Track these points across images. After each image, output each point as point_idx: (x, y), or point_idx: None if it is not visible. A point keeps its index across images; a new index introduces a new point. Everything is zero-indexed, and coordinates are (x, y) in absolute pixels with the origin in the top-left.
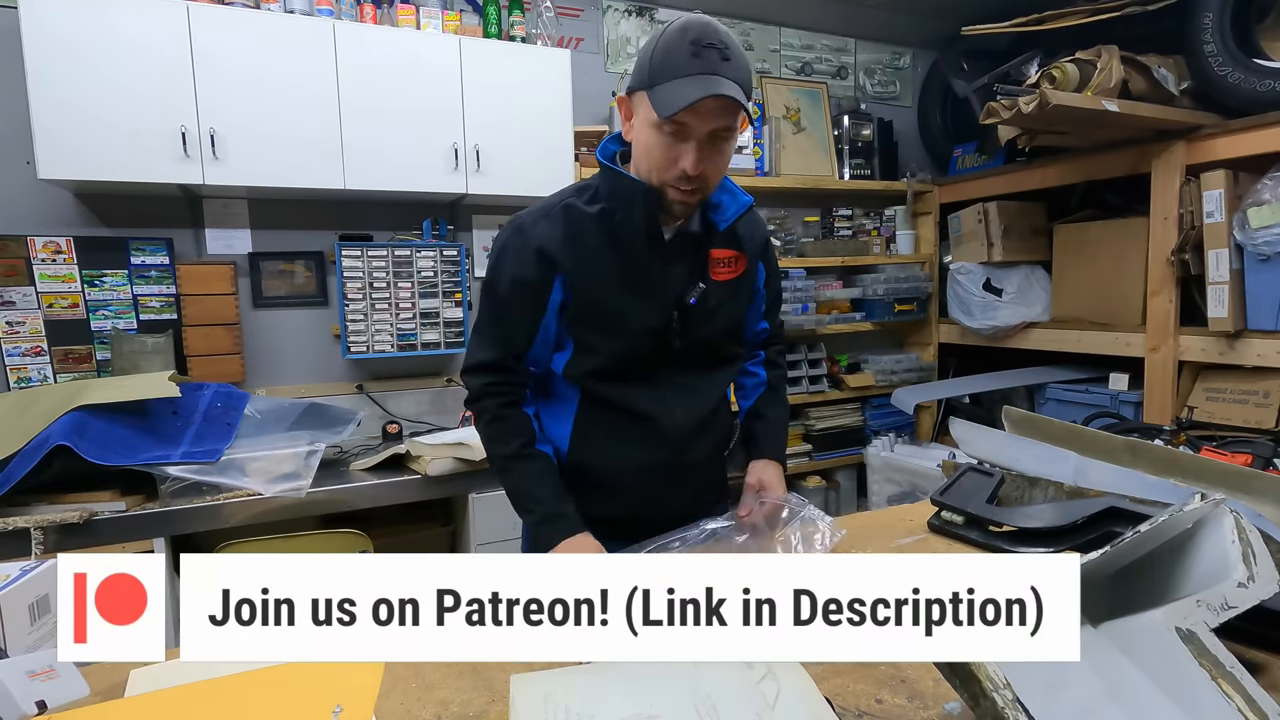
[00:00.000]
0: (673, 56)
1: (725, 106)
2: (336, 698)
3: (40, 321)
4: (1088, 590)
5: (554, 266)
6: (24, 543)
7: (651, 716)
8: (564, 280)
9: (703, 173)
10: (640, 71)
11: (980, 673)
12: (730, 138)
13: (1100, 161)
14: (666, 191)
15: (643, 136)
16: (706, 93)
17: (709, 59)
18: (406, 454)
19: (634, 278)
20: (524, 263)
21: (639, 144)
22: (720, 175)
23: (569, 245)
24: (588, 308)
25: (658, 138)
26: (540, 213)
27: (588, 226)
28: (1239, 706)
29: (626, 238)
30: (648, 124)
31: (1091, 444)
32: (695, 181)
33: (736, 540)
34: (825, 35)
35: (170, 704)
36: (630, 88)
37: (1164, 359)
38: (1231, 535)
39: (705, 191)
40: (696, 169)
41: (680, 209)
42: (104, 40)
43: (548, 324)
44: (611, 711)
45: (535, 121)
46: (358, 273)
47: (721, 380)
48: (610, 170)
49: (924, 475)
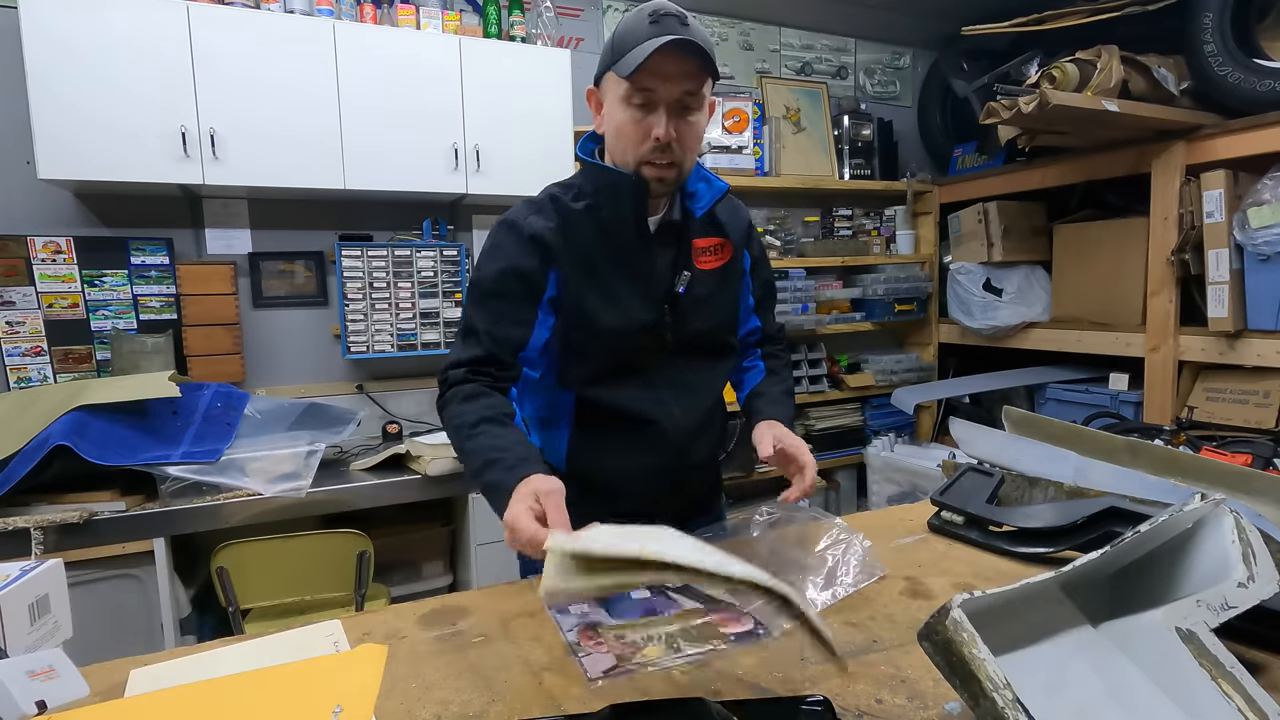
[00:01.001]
0: (631, 31)
1: (689, 71)
2: (336, 698)
3: (40, 321)
4: (1088, 590)
5: (550, 258)
6: (24, 543)
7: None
8: (558, 275)
9: (676, 141)
10: (603, 57)
11: (980, 673)
12: (699, 107)
13: (1100, 161)
14: (643, 170)
15: (614, 117)
16: (666, 36)
17: (667, 24)
18: (406, 454)
19: (625, 272)
20: (521, 253)
21: (611, 126)
22: (694, 150)
23: (563, 237)
24: (580, 302)
25: (627, 112)
26: (530, 207)
27: (578, 221)
28: (1239, 706)
29: (616, 231)
30: (616, 102)
31: (1091, 444)
32: (670, 153)
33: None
34: (825, 35)
35: (170, 704)
36: (596, 75)
37: (1164, 359)
38: (1231, 535)
39: (681, 166)
40: (668, 134)
41: (659, 186)
42: (104, 40)
43: (542, 320)
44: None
45: (535, 121)
46: (358, 273)
47: (718, 375)
48: (594, 165)
49: (924, 475)
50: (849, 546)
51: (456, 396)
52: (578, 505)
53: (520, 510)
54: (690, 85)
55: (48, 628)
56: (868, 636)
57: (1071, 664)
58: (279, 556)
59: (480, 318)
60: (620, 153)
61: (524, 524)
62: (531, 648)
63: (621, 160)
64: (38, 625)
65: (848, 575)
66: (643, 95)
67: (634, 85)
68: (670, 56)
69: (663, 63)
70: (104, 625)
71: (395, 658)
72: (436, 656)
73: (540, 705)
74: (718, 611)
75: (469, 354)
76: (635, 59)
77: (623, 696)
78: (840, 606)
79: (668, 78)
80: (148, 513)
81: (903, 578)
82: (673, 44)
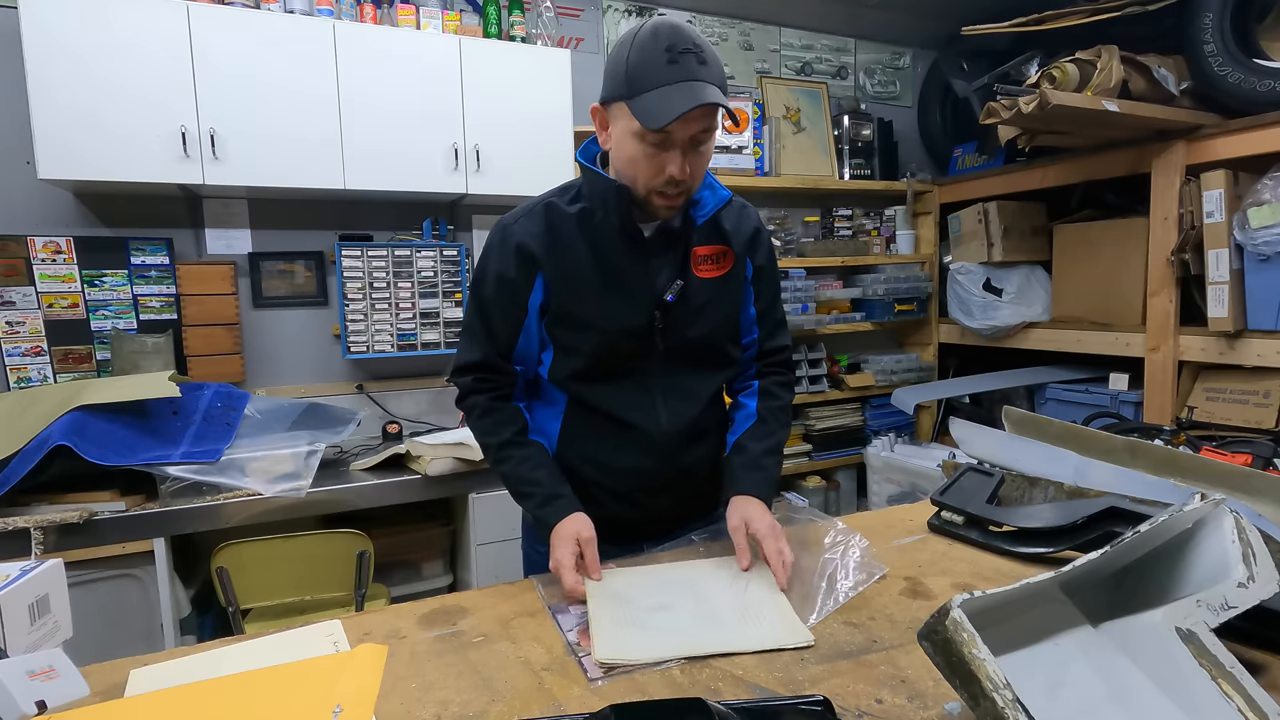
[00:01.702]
0: (649, 66)
1: (708, 111)
2: (336, 698)
3: (40, 321)
4: (1088, 590)
5: (535, 264)
6: (24, 543)
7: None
8: (544, 279)
9: (689, 174)
10: (615, 80)
11: (980, 672)
12: (711, 138)
13: (1100, 161)
14: (653, 199)
15: (625, 147)
16: (694, 103)
17: (687, 65)
18: (406, 454)
19: (613, 276)
20: (506, 261)
21: (621, 154)
22: (704, 173)
23: (548, 242)
24: (567, 306)
25: (641, 148)
26: (522, 211)
27: (567, 225)
28: (1239, 706)
29: (605, 236)
30: (629, 134)
31: (1091, 444)
32: (682, 185)
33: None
34: (825, 35)
35: (170, 704)
36: (605, 99)
37: (1164, 359)
38: (1231, 535)
39: (691, 191)
40: (684, 174)
41: (666, 212)
42: (104, 40)
43: (530, 324)
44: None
45: (535, 122)
46: (358, 273)
47: (715, 382)
48: (590, 171)
49: (924, 475)
50: (849, 547)
51: (473, 412)
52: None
53: (564, 555)
54: (707, 124)
55: (48, 628)
56: (868, 636)
57: (1071, 664)
58: (279, 556)
59: (476, 318)
60: (631, 180)
61: (567, 578)
62: (531, 648)
63: (631, 184)
64: (38, 625)
65: (848, 577)
66: (659, 136)
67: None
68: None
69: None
70: (104, 625)
71: (395, 658)
72: (436, 656)
73: (540, 705)
74: None
75: (470, 358)
76: (660, 115)
77: (623, 696)
78: (841, 607)
79: (687, 122)
80: (148, 513)
81: (903, 578)
82: (697, 101)
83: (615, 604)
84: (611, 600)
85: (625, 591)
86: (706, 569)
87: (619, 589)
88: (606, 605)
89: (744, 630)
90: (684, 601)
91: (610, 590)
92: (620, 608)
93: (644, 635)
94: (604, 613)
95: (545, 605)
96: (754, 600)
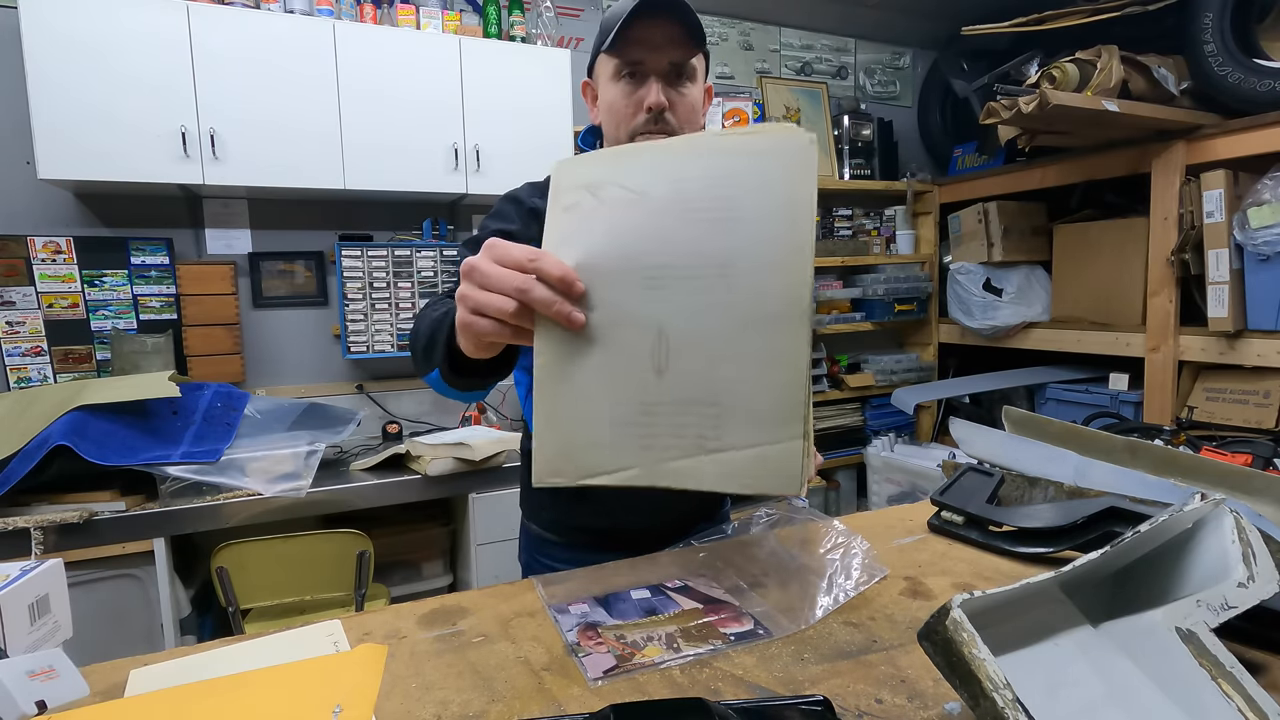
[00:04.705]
0: (615, 11)
1: (676, 38)
2: (336, 698)
3: (40, 321)
4: (1088, 590)
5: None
6: (24, 543)
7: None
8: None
9: (668, 109)
10: (594, 48)
11: (980, 673)
12: (693, 77)
13: (1100, 161)
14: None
15: (606, 97)
16: (646, 3)
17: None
18: (406, 454)
19: None
20: (522, 223)
21: (604, 108)
22: (690, 124)
23: None
24: None
25: (617, 87)
26: (533, 188)
27: None
28: (1239, 706)
29: None
30: (607, 82)
31: (1091, 444)
32: (664, 123)
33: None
34: (825, 35)
35: (170, 704)
36: (589, 67)
37: (1164, 359)
38: (1231, 535)
39: (676, 132)
40: (659, 100)
41: None
42: (104, 40)
43: None
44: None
45: (535, 121)
46: (358, 273)
47: None
48: None
49: (924, 475)
50: (849, 548)
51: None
52: (562, 506)
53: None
54: (678, 54)
55: (48, 628)
56: (868, 636)
57: (1071, 664)
58: (279, 556)
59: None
60: (614, 129)
61: (503, 243)
62: (531, 648)
63: (615, 139)
64: (38, 625)
65: (849, 578)
66: (631, 67)
67: (622, 59)
68: (656, 23)
69: (648, 29)
70: (104, 625)
71: (395, 658)
72: (436, 656)
73: (540, 705)
74: (717, 611)
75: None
76: (616, 23)
77: (623, 696)
78: (841, 607)
79: (655, 46)
80: (148, 513)
81: (903, 578)
82: (654, 2)
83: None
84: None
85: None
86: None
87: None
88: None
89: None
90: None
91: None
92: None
93: (598, 445)
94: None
95: (545, 605)
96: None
